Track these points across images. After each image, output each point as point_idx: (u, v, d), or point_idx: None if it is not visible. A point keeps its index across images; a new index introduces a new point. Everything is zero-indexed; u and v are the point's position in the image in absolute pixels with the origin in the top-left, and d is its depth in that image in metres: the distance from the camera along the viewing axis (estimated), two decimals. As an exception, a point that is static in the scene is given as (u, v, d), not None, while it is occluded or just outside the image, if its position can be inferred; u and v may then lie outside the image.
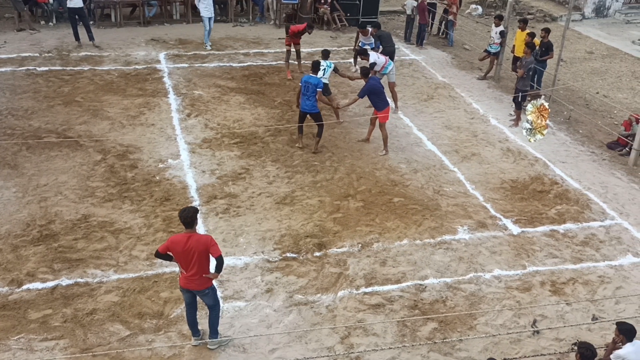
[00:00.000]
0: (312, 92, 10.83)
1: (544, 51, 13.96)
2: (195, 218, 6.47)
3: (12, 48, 15.08)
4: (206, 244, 6.42)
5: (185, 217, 6.43)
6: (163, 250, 6.54)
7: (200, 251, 6.40)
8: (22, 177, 9.95)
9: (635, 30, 20.92)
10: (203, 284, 6.62)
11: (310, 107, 10.98)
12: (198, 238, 6.44)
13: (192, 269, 6.49)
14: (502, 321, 7.73)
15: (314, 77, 10.99)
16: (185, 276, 6.57)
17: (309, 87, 10.85)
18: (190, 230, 6.45)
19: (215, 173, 10.43)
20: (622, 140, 12.47)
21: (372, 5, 19.04)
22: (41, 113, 12.04)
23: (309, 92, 10.85)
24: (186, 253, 6.41)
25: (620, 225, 9.88)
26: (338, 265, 8.46)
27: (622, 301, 8.19)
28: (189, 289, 6.67)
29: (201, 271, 6.52)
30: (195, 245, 6.39)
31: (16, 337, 6.97)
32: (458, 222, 9.60)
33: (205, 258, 6.48)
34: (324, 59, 12.12)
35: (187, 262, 6.47)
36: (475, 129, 12.73)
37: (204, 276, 6.56)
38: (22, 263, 8.09)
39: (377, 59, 12.49)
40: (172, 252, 6.50)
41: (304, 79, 10.99)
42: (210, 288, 6.74)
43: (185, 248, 6.39)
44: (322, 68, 11.69)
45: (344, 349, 7.15)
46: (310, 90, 10.84)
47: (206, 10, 15.86)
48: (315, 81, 10.88)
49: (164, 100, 12.97)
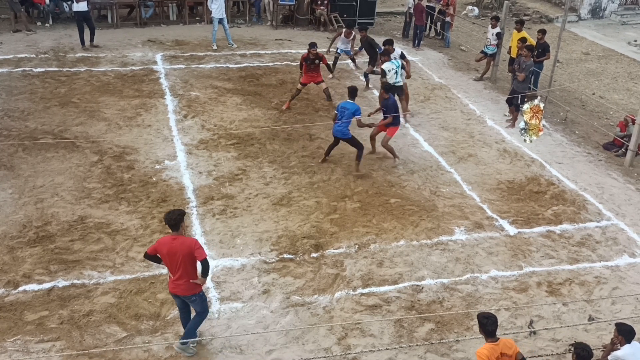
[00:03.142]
0: (348, 118, 10.34)
1: (541, 52, 13.99)
2: (180, 221, 6.40)
3: (8, 49, 15.05)
4: (191, 246, 6.34)
5: (170, 220, 6.37)
6: (151, 252, 6.50)
7: (184, 254, 6.32)
8: (19, 178, 9.93)
9: (631, 32, 21.00)
10: (190, 289, 6.53)
11: (343, 133, 10.50)
12: (183, 240, 6.38)
13: (178, 272, 6.41)
14: (499, 322, 7.70)
15: (351, 103, 10.47)
16: (173, 280, 6.52)
17: (344, 113, 10.36)
18: (176, 233, 6.39)
19: (212, 174, 10.43)
20: (618, 141, 12.51)
21: (369, 6, 19.08)
22: (37, 114, 12.01)
23: (344, 118, 10.37)
24: (171, 255, 6.35)
25: (616, 226, 9.91)
26: (335, 266, 8.46)
27: (619, 302, 8.22)
28: (176, 294, 6.61)
29: (187, 276, 6.43)
30: (180, 248, 6.32)
31: (12, 338, 6.95)
32: (455, 223, 9.62)
33: (191, 262, 6.40)
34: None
35: (173, 264, 6.41)
36: (472, 130, 12.75)
37: (191, 282, 6.48)
38: (18, 264, 8.07)
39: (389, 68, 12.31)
40: (159, 254, 6.45)
41: (341, 105, 10.50)
42: (197, 295, 6.63)
43: (171, 250, 6.33)
44: (393, 71, 11.89)
45: (341, 349, 7.15)
46: (346, 116, 10.35)
47: (217, 11, 15.86)
48: (354, 107, 10.41)
49: (161, 102, 12.96)
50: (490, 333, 5.98)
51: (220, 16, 15.94)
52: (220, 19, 15.99)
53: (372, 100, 13.91)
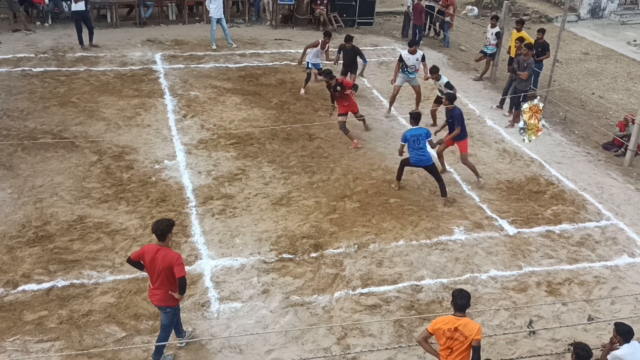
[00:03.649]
0: (424, 142, 9.90)
1: (540, 51, 14.00)
2: (168, 231, 6.25)
3: (7, 49, 15.03)
4: (171, 262, 6.19)
5: (157, 230, 6.23)
6: (135, 258, 6.39)
7: (164, 267, 6.21)
8: (18, 178, 9.92)
9: (631, 31, 21.00)
10: (166, 300, 6.40)
11: (428, 159, 9.98)
12: (166, 254, 6.23)
13: (157, 282, 6.33)
14: (498, 321, 7.74)
15: (419, 129, 10.02)
16: (151, 289, 6.44)
17: (420, 140, 9.87)
18: (162, 243, 6.27)
19: (212, 174, 10.42)
20: (617, 141, 12.51)
21: (368, 6, 19.08)
22: (37, 114, 12.01)
23: (422, 144, 9.88)
24: (152, 265, 6.25)
25: (615, 226, 9.91)
26: (334, 266, 8.46)
27: (618, 301, 8.22)
28: (152, 302, 6.53)
29: (165, 288, 6.33)
30: (161, 261, 6.20)
31: (11, 338, 6.95)
32: (454, 222, 9.62)
33: (170, 275, 6.27)
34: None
35: (152, 274, 6.32)
36: (471, 129, 12.73)
37: (169, 293, 6.36)
38: (17, 264, 8.06)
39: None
40: (143, 261, 6.34)
41: (411, 134, 9.88)
42: (172, 308, 6.49)
43: (152, 260, 6.23)
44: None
45: (341, 349, 7.15)
46: (423, 142, 9.89)
47: (215, 11, 15.85)
48: (424, 131, 10.00)
49: (160, 101, 12.95)
50: (459, 307, 6.02)
51: (219, 16, 15.95)
52: (219, 19, 15.99)
53: (372, 100, 13.92)
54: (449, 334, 5.91)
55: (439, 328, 5.96)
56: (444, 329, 5.94)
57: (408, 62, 12.59)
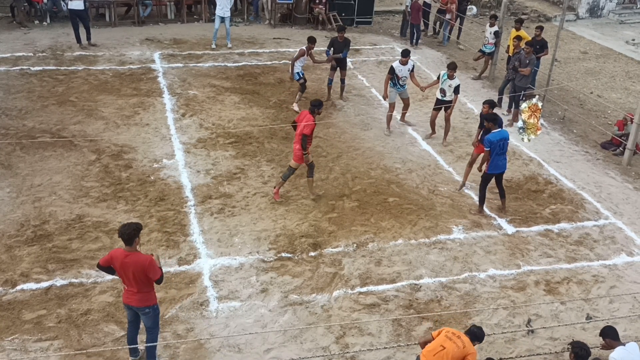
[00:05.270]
0: (506, 148, 9.39)
1: (539, 49, 14.01)
2: (135, 236, 6.09)
3: (5, 47, 15.01)
4: (143, 266, 6.08)
5: (123, 234, 6.08)
6: (104, 263, 6.28)
7: (137, 271, 6.09)
8: (16, 177, 9.91)
9: (629, 31, 21.01)
10: (144, 301, 6.30)
11: (505, 165, 9.56)
12: (136, 259, 6.10)
13: (131, 286, 6.23)
14: (497, 320, 7.75)
15: (505, 131, 9.39)
16: (126, 290, 6.32)
17: (504, 145, 9.29)
18: (129, 249, 6.12)
19: (210, 173, 10.42)
20: (615, 140, 12.52)
21: (367, 5, 19.07)
22: (35, 113, 11.99)
23: (506, 148, 9.37)
24: (123, 269, 6.14)
25: (614, 225, 9.92)
26: (333, 265, 8.46)
27: (616, 300, 8.23)
28: (130, 304, 6.37)
29: (139, 288, 6.22)
30: (133, 265, 6.07)
31: (10, 337, 6.94)
32: (453, 221, 9.62)
33: (144, 278, 6.17)
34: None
35: (125, 278, 6.23)
36: (470, 128, 12.75)
37: (146, 292, 6.27)
38: (16, 263, 8.06)
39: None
40: (113, 266, 6.24)
41: (498, 138, 9.17)
42: (151, 307, 6.37)
43: (123, 265, 6.12)
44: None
45: (339, 348, 7.15)
46: (506, 146, 9.36)
47: (221, 9, 15.80)
48: (507, 133, 9.44)
49: (159, 100, 12.94)
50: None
51: (223, 14, 15.88)
52: (224, 18, 15.93)
53: (371, 99, 13.92)
54: (450, 334, 5.94)
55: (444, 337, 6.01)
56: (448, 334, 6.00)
57: (400, 74, 11.97)
